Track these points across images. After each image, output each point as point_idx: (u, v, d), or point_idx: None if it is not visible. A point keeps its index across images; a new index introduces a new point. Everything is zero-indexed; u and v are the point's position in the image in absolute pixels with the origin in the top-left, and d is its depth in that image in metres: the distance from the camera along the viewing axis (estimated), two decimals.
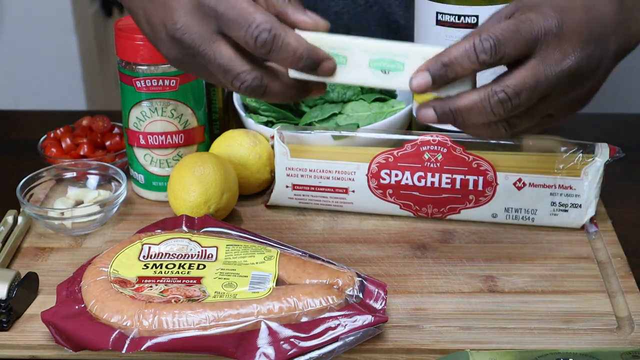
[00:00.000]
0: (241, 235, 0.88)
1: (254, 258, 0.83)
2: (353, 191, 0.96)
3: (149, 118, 0.99)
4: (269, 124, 1.06)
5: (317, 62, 0.73)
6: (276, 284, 0.80)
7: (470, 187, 0.93)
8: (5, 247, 0.92)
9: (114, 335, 0.75)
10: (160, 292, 0.79)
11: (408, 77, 0.73)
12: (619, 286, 0.86)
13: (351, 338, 0.77)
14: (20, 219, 0.97)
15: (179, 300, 0.78)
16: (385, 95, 1.09)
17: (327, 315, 0.77)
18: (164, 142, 1.01)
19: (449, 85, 0.72)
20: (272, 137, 0.98)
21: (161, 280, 0.81)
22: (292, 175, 0.97)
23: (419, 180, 0.94)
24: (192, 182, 0.95)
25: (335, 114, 1.06)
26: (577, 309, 0.83)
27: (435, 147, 0.93)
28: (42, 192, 1.02)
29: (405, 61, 0.73)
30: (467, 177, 0.93)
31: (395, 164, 0.94)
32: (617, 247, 0.92)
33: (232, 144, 1.01)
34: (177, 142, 1.01)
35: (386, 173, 0.94)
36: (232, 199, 0.97)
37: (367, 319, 0.77)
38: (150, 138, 1.00)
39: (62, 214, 0.95)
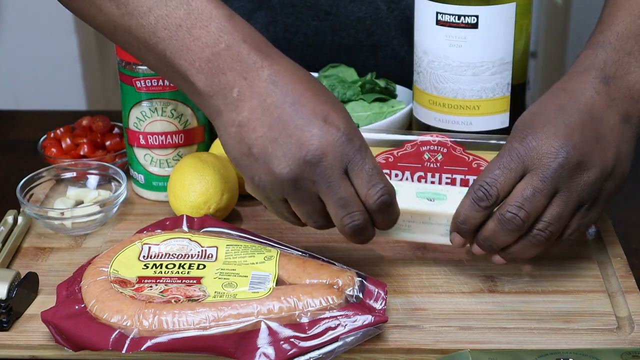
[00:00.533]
0: (241, 235, 0.88)
1: (254, 258, 0.83)
2: None
3: (149, 118, 0.99)
4: None
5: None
6: (276, 284, 0.80)
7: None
8: (5, 247, 0.92)
9: (114, 335, 0.75)
10: (160, 292, 0.79)
11: (450, 204, 0.85)
12: (619, 286, 0.86)
13: (351, 338, 0.77)
14: (20, 219, 0.97)
15: (179, 300, 0.78)
16: (385, 95, 1.09)
17: (327, 315, 0.77)
18: (164, 142, 1.01)
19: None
20: None
21: (161, 280, 0.81)
22: None
23: (419, 181, 0.94)
24: (192, 182, 0.95)
25: None
26: (577, 309, 0.83)
27: (435, 147, 0.93)
28: (42, 192, 1.02)
29: (447, 193, 0.87)
30: (467, 177, 0.93)
31: (395, 164, 0.94)
32: (617, 247, 0.92)
33: None
34: (177, 142, 1.01)
35: (386, 173, 0.94)
36: (232, 199, 0.97)
37: (367, 319, 0.77)
38: (150, 138, 1.00)
39: (62, 214, 0.95)
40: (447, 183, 0.93)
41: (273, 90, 0.76)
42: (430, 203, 0.87)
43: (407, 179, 0.94)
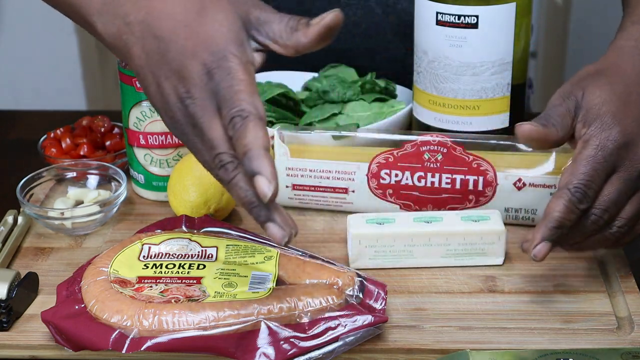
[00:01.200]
0: (241, 235, 0.88)
1: (254, 258, 0.83)
2: (353, 191, 0.96)
3: (149, 118, 0.99)
4: (269, 124, 1.06)
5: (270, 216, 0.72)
6: (276, 284, 0.80)
7: (470, 187, 0.93)
8: (5, 247, 0.92)
9: (114, 335, 0.75)
10: (160, 292, 0.79)
11: (447, 225, 0.88)
12: (619, 286, 0.86)
13: (351, 338, 0.77)
14: (20, 219, 0.97)
15: (179, 300, 0.78)
16: (385, 96, 1.09)
17: (327, 315, 0.77)
18: (164, 142, 1.01)
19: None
20: (272, 137, 0.98)
21: (161, 280, 0.81)
22: (292, 175, 0.97)
23: (419, 180, 0.94)
24: (192, 182, 0.95)
25: (335, 114, 1.06)
26: (577, 309, 0.83)
27: (435, 147, 0.93)
28: (42, 192, 1.02)
29: (443, 216, 0.90)
30: (467, 177, 0.93)
31: (395, 163, 0.94)
32: None
33: None
34: (177, 142, 1.01)
35: (386, 173, 0.94)
36: (232, 199, 0.97)
37: (367, 319, 0.77)
38: (150, 138, 1.00)
39: (62, 214, 0.95)
40: (447, 183, 0.93)
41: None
42: (428, 224, 0.89)
43: (407, 179, 0.94)
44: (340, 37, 1.19)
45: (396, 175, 0.94)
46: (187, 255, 0.84)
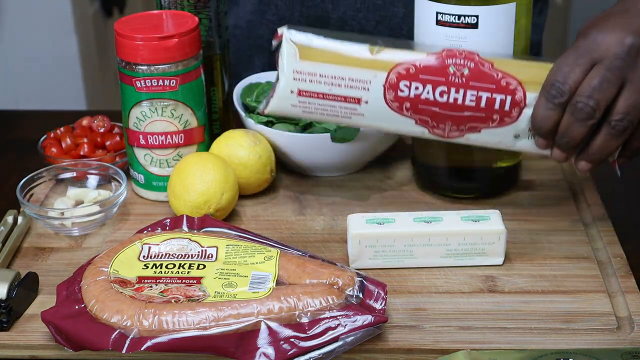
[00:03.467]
0: (241, 235, 0.88)
1: (254, 258, 0.83)
2: (366, 102, 0.88)
3: (149, 118, 0.99)
4: (269, 124, 1.06)
5: None
6: (276, 284, 0.80)
7: (497, 106, 0.86)
8: (5, 247, 0.92)
9: (114, 335, 0.75)
10: (160, 292, 0.79)
11: (447, 225, 0.88)
12: (619, 286, 0.86)
13: (351, 338, 0.77)
14: (20, 219, 0.97)
15: (179, 300, 0.78)
16: None
17: (327, 315, 0.77)
18: (164, 142, 1.01)
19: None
20: (278, 37, 0.89)
21: (161, 280, 0.81)
22: (299, 80, 0.88)
23: (441, 96, 0.86)
24: (192, 182, 0.95)
25: None
26: (577, 309, 0.83)
27: (462, 61, 0.87)
28: (42, 192, 1.02)
29: (443, 216, 0.89)
30: (494, 95, 0.86)
31: (417, 75, 0.86)
32: (617, 247, 0.92)
33: (232, 144, 1.01)
34: (177, 142, 1.01)
35: (405, 85, 0.86)
36: (232, 199, 0.97)
37: (367, 319, 0.77)
38: (150, 138, 1.00)
39: (62, 214, 0.95)
40: (471, 100, 0.86)
41: None
42: (428, 225, 0.89)
43: (428, 92, 0.86)
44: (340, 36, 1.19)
45: (416, 88, 0.87)
46: (187, 255, 0.84)
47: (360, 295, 0.80)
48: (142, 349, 0.75)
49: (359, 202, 1.02)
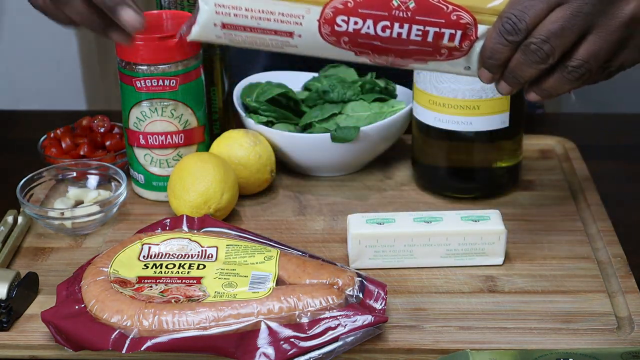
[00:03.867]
0: (241, 235, 0.88)
1: (254, 258, 0.83)
2: (299, 36, 0.80)
3: (149, 118, 0.99)
4: (269, 124, 1.06)
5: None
6: (276, 284, 0.80)
7: (445, 41, 0.79)
8: (5, 247, 0.92)
9: (114, 335, 0.75)
10: (160, 292, 0.79)
11: (447, 225, 0.88)
12: (619, 286, 0.86)
13: (351, 338, 0.77)
14: (20, 219, 0.97)
15: (179, 300, 0.78)
16: (385, 95, 1.09)
17: (327, 315, 0.77)
18: (164, 142, 1.01)
19: None
20: None
21: (161, 280, 0.81)
22: (222, 14, 0.80)
23: (383, 31, 0.78)
24: (192, 182, 0.95)
25: (335, 114, 1.06)
26: (577, 309, 0.83)
27: None
28: (42, 192, 1.02)
29: (443, 216, 0.89)
30: (443, 30, 0.78)
31: (355, 9, 0.78)
32: (617, 247, 0.92)
33: (232, 144, 1.01)
34: (177, 142, 1.01)
35: (343, 20, 0.78)
36: (232, 199, 0.97)
37: (367, 319, 0.77)
38: (150, 138, 1.00)
39: (62, 214, 0.95)
40: (417, 35, 0.78)
41: None
42: (428, 225, 0.88)
43: (368, 28, 0.78)
44: None
45: (355, 23, 0.78)
46: (187, 255, 0.84)
47: (360, 295, 0.80)
48: (142, 349, 0.75)
49: (359, 202, 1.02)
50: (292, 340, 0.76)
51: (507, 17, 0.75)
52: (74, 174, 1.03)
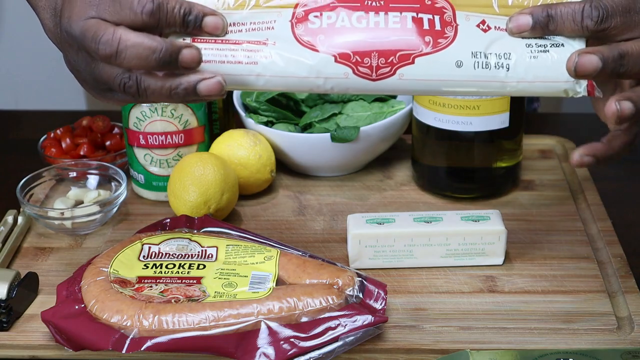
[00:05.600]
0: (241, 235, 0.88)
1: (254, 258, 0.83)
2: (274, 43, 0.74)
3: (149, 118, 0.99)
4: (269, 124, 1.06)
5: (200, 18, 0.73)
6: (276, 284, 0.80)
7: (426, 26, 0.74)
8: (5, 247, 0.92)
9: (114, 335, 0.75)
10: (160, 292, 0.79)
11: (447, 225, 0.88)
12: (619, 286, 0.86)
13: (351, 338, 0.77)
14: (20, 219, 0.97)
15: (179, 300, 0.78)
16: (385, 95, 1.09)
17: (327, 315, 0.77)
18: (164, 142, 1.01)
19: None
20: None
21: (161, 280, 0.81)
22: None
23: (359, 21, 0.74)
24: (192, 182, 0.95)
25: (335, 114, 1.06)
26: (577, 309, 0.83)
27: None
28: (42, 192, 1.02)
29: (443, 216, 0.89)
30: (420, 15, 0.74)
31: (327, 5, 0.75)
32: (617, 247, 0.92)
33: (232, 144, 1.01)
34: (177, 142, 1.01)
35: (315, 16, 0.74)
36: (232, 199, 0.97)
37: (367, 319, 0.77)
38: (150, 138, 1.00)
39: (62, 214, 0.95)
40: (395, 23, 0.74)
41: None
42: (428, 225, 0.88)
43: (342, 20, 0.74)
44: None
45: (329, 18, 0.74)
46: (187, 255, 0.84)
47: (360, 295, 0.80)
48: (142, 349, 0.75)
49: (359, 202, 1.02)
50: (292, 340, 0.76)
51: (600, 4, 0.73)
52: (74, 174, 1.03)
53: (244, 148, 1.01)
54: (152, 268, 0.82)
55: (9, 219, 0.96)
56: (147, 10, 0.71)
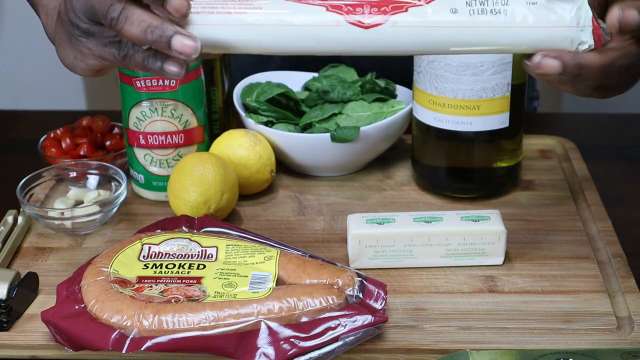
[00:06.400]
0: (241, 235, 0.88)
1: (254, 258, 0.83)
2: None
3: (149, 118, 0.99)
4: (269, 124, 1.06)
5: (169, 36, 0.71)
6: (276, 284, 0.80)
7: None
8: (5, 247, 0.92)
9: (114, 335, 0.75)
10: (160, 292, 0.79)
11: (447, 225, 0.88)
12: (619, 286, 0.86)
13: (351, 338, 0.77)
14: (20, 219, 0.97)
15: (179, 300, 0.78)
16: (385, 95, 1.09)
17: (327, 315, 0.77)
18: (164, 142, 1.01)
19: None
20: None
21: (161, 280, 0.81)
22: None
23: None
24: (192, 182, 0.95)
25: (335, 114, 1.06)
26: (577, 309, 0.83)
27: None
28: (42, 192, 1.02)
29: (443, 216, 0.89)
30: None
31: None
32: (617, 247, 0.92)
33: (232, 144, 1.01)
34: (177, 142, 1.01)
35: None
36: (232, 199, 0.97)
37: (367, 319, 0.77)
38: (150, 138, 1.00)
39: (62, 214, 0.95)
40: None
41: None
42: (428, 225, 0.88)
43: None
44: None
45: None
46: (187, 255, 0.84)
47: (360, 295, 0.80)
48: (142, 349, 0.75)
49: (359, 202, 1.02)
50: (292, 340, 0.76)
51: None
52: (74, 174, 1.03)
53: (244, 148, 1.01)
54: (152, 268, 0.82)
55: (9, 219, 0.96)
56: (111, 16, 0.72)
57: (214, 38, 0.72)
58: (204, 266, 0.82)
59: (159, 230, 0.88)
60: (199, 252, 0.84)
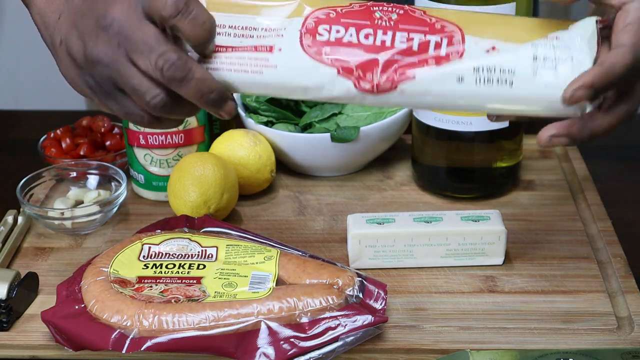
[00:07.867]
0: (241, 235, 0.88)
1: (254, 258, 0.83)
2: (280, 49, 0.74)
3: None
4: (269, 124, 1.06)
5: (225, 99, 0.74)
6: (276, 284, 0.80)
7: (431, 51, 0.73)
8: (5, 247, 0.92)
9: (114, 335, 0.75)
10: (160, 292, 0.79)
11: (447, 225, 0.89)
12: (619, 286, 0.86)
13: (351, 338, 0.77)
14: (20, 219, 0.97)
15: (179, 300, 0.78)
16: None
17: (327, 315, 0.77)
18: (164, 142, 1.01)
19: None
20: None
21: (161, 280, 0.81)
22: None
23: (366, 38, 0.74)
24: (192, 182, 0.95)
25: (335, 114, 1.06)
26: (577, 309, 0.83)
27: (390, 8, 0.75)
28: (42, 192, 1.02)
29: (443, 216, 0.89)
30: (428, 37, 0.73)
31: (337, 19, 0.75)
32: (617, 247, 0.92)
33: (232, 144, 1.01)
34: (177, 142, 1.01)
35: (325, 29, 0.74)
36: (232, 199, 0.97)
37: (367, 319, 0.77)
38: (150, 138, 1.00)
39: (62, 214, 0.95)
40: (402, 42, 0.74)
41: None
42: (428, 224, 0.88)
43: (350, 35, 0.74)
44: None
45: (337, 32, 0.74)
46: (187, 255, 0.84)
47: (360, 295, 0.80)
48: (142, 349, 0.75)
49: (359, 202, 1.02)
50: (292, 340, 0.76)
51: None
52: (74, 174, 1.03)
53: (244, 148, 1.01)
54: (152, 268, 0.82)
55: (9, 219, 0.96)
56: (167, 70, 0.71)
57: (227, 86, 0.76)
58: (204, 266, 0.82)
59: (159, 230, 0.88)
60: (199, 252, 0.84)
